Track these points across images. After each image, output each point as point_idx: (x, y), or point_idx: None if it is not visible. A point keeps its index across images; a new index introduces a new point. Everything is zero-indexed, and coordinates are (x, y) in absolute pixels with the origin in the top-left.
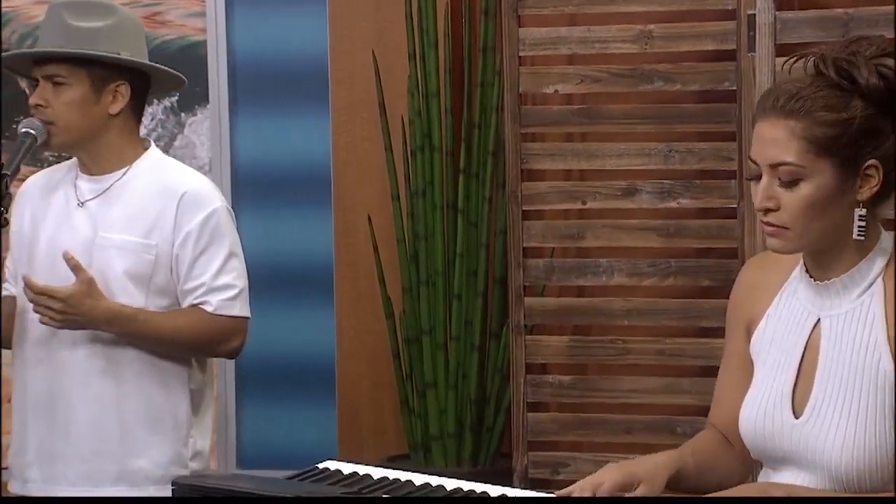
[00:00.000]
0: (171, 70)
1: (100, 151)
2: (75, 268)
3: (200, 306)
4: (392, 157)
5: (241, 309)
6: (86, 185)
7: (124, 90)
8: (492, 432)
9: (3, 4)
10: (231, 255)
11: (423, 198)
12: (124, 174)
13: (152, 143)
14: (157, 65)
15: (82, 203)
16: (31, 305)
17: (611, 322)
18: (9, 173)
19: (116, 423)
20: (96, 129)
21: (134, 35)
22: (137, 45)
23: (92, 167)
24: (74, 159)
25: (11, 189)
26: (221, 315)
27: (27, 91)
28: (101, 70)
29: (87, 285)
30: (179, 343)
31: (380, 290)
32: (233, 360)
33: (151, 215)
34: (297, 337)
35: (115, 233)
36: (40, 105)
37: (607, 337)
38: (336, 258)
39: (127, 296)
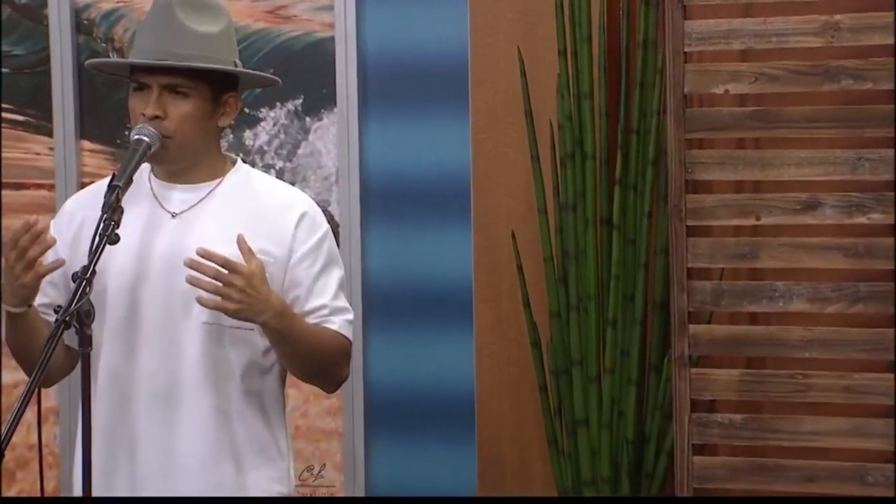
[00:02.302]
0: (277, 78)
1: (199, 163)
2: (246, 252)
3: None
4: (539, 165)
5: (352, 337)
6: (177, 195)
7: (234, 101)
8: (652, 477)
9: None
10: (343, 281)
11: (574, 212)
12: (219, 184)
13: (239, 158)
14: (273, 76)
15: (175, 214)
16: (143, 339)
17: (789, 354)
18: (120, 185)
19: (229, 459)
20: (207, 143)
21: (234, 38)
22: (236, 49)
23: (182, 177)
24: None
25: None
26: (344, 336)
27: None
28: (220, 81)
29: (262, 269)
30: (317, 354)
31: (525, 314)
32: (361, 393)
33: (263, 228)
34: (432, 367)
35: (223, 245)
36: (158, 116)
37: (785, 371)
38: (476, 279)
39: None
